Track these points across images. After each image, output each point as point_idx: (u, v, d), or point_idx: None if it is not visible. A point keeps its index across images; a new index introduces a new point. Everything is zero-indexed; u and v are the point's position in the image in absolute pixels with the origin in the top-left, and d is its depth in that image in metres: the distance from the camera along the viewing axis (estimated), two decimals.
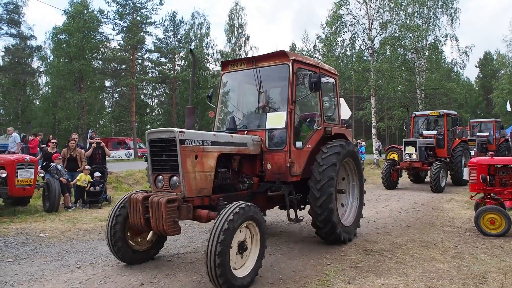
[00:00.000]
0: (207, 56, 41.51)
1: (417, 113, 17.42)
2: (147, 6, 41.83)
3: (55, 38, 35.37)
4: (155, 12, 45.80)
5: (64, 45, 34.73)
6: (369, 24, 26.81)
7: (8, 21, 37.28)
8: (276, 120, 6.01)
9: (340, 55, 28.25)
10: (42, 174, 10.94)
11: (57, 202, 9.89)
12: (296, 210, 6.36)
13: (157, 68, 48.90)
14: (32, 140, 15.89)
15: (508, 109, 29.11)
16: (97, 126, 45.25)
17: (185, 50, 44.34)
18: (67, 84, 35.21)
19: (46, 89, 43.01)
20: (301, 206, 6.84)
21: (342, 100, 7.70)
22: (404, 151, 14.74)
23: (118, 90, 49.34)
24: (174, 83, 47.08)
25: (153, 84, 49.36)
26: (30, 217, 9.27)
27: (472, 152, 16.93)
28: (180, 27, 47.30)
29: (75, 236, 7.43)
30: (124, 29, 40.91)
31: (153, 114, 56.09)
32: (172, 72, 47.92)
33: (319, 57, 37.59)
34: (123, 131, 47.54)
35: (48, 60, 38.62)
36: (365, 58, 28.01)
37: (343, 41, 28.22)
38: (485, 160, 7.89)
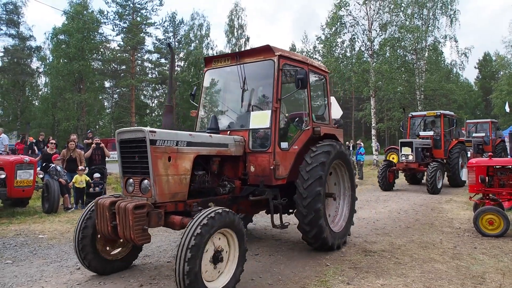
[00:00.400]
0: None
1: (413, 113, 17.25)
2: (147, 7, 42.05)
3: (55, 39, 35.44)
4: (155, 13, 46.01)
5: (63, 45, 34.82)
6: (368, 25, 26.86)
7: (7, 21, 37.34)
8: (260, 119, 5.65)
9: (340, 56, 28.29)
10: (42, 175, 10.94)
11: (56, 203, 9.88)
12: (281, 215, 5.97)
13: (157, 69, 48.96)
14: (19, 142, 15.84)
15: (507, 110, 29.13)
16: (96, 127, 45.29)
17: (185, 51, 44.39)
18: (67, 85, 35.27)
19: (46, 89, 43.06)
20: (289, 211, 6.38)
21: (333, 99, 7.46)
22: (400, 152, 14.55)
23: (117, 90, 49.40)
24: (174, 84, 47.12)
25: (152, 85, 49.41)
26: (29, 218, 9.26)
27: (468, 153, 16.85)
28: (180, 28, 47.41)
29: None
30: (124, 29, 41.01)
31: (152, 115, 56.09)
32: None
33: (319, 58, 37.64)
34: None
35: (48, 61, 38.66)
36: (364, 59, 28.06)
37: (343, 42, 28.27)
38: (483, 161, 7.90)
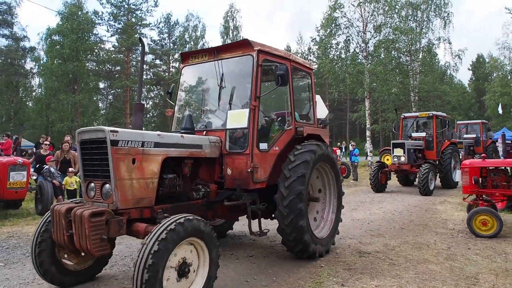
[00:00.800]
0: None
1: (406, 114, 17.19)
2: (142, 8, 41.90)
3: (49, 40, 35.26)
4: (149, 14, 45.88)
5: (58, 46, 34.63)
6: (363, 27, 26.97)
7: (1, 22, 37.04)
8: (238, 118, 5.31)
9: (335, 57, 28.39)
10: (35, 177, 10.86)
11: (49, 205, 9.77)
12: (260, 221, 5.58)
13: (151, 70, 48.82)
14: (5, 142, 15.71)
15: (500, 111, 29.40)
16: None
17: (179, 52, 44.34)
18: (61, 86, 35.07)
19: (40, 90, 42.83)
20: (272, 216, 5.96)
21: (319, 98, 7.19)
22: (393, 153, 14.47)
23: (112, 91, 49.19)
24: (168, 85, 47.02)
25: (147, 86, 49.25)
26: (22, 220, 9.19)
27: (460, 155, 16.84)
28: (175, 29, 47.34)
29: None
30: (119, 30, 40.84)
31: (147, 116, 55.94)
32: (167, 74, 47.87)
33: (314, 59, 37.72)
34: None
35: (42, 62, 38.46)
36: (359, 60, 28.17)
37: (337, 43, 28.36)
38: (477, 162, 7.96)
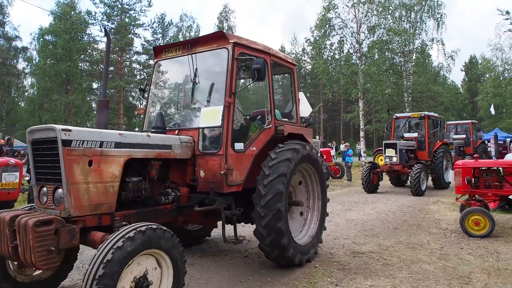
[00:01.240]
0: None
1: (398, 115, 17.16)
2: (136, 8, 41.79)
3: (41, 39, 34.99)
4: (143, 14, 45.71)
5: (50, 46, 34.39)
6: (357, 27, 27.09)
7: None
8: (211, 116, 4.97)
9: (329, 58, 28.47)
10: (28, 178, 10.76)
11: None
12: (236, 228, 5.19)
13: (145, 70, 48.64)
14: None
15: (492, 112, 29.68)
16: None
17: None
18: (54, 86, 34.84)
19: (32, 91, 42.42)
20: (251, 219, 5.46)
21: (302, 95, 6.93)
22: (384, 153, 14.44)
23: None
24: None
25: (140, 87, 49.08)
26: None
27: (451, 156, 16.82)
28: (169, 29, 47.23)
29: None
30: (112, 30, 40.64)
31: (141, 116, 55.66)
32: None
33: (308, 60, 37.81)
34: None
35: (34, 62, 38.15)
36: (353, 61, 28.29)
37: (331, 44, 28.45)
38: (470, 163, 8.03)
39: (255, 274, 5.15)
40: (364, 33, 27.06)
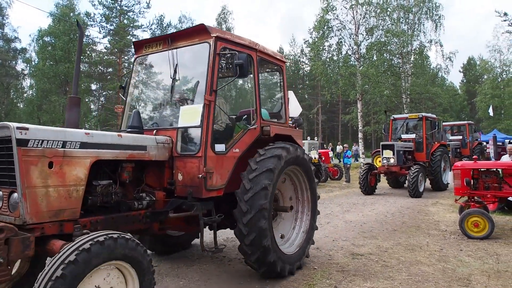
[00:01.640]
0: None
1: (395, 116, 17.09)
2: (134, 10, 41.71)
3: (40, 41, 35.04)
4: (142, 15, 45.67)
5: (49, 47, 34.42)
6: (355, 29, 27.17)
7: None
8: (190, 115, 4.65)
9: (327, 59, 28.52)
10: None
11: None
12: (216, 236, 4.82)
13: None
14: None
15: (491, 113, 29.74)
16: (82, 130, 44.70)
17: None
18: (52, 87, 34.86)
19: (31, 92, 42.42)
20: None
21: (291, 94, 6.51)
22: (382, 155, 14.35)
23: (104, 93, 48.85)
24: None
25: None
26: None
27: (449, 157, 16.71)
28: (168, 30, 47.14)
29: None
30: (111, 32, 40.62)
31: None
32: None
33: (306, 61, 37.86)
34: None
35: (33, 63, 38.17)
36: (351, 62, 28.35)
37: (330, 46, 28.51)
38: (469, 164, 8.03)
39: (254, 276, 5.12)
40: (362, 34, 27.18)
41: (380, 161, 17.66)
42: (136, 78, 5.71)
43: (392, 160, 14.05)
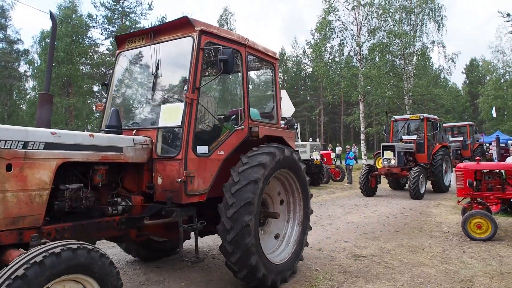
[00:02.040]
0: None
1: (396, 117, 16.93)
2: (136, 11, 41.89)
3: (43, 43, 35.23)
4: (144, 17, 45.68)
5: None
6: (357, 30, 27.18)
7: None
8: (171, 114, 4.34)
9: (329, 61, 28.53)
10: None
11: None
12: (197, 244, 4.49)
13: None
14: None
15: (494, 114, 29.65)
16: (85, 131, 44.89)
17: None
18: (55, 89, 34.98)
19: (33, 93, 42.61)
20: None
21: (284, 93, 6.29)
22: (382, 156, 14.16)
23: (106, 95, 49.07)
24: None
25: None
26: None
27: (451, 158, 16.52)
28: None
29: None
30: (113, 33, 40.75)
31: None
32: None
33: (308, 62, 37.88)
34: None
35: (36, 65, 38.33)
36: (353, 64, 28.37)
37: (332, 47, 28.53)
38: (472, 166, 8.00)
39: None
40: (365, 35, 27.21)
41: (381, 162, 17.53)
42: (118, 75, 5.36)
43: (392, 161, 13.89)
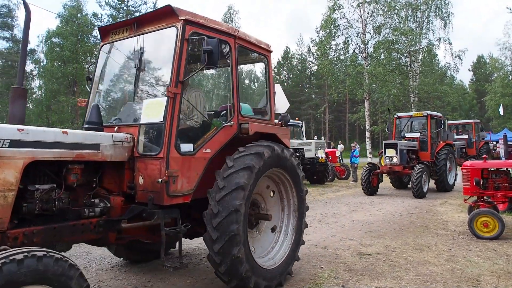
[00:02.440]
0: None
1: (399, 114, 16.65)
2: (141, 10, 41.96)
3: (49, 42, 35.47)
4: None
5: (57, 48, 34.84)
6: (362, 28, 27.05)
7: (1, 24, 37.17)
8: (153, 110, 4.09)
9: (334, 58, 28.44)
10: None
11: None
12: (181, 248, 4.26)
13: None
14: None
15: (501, 112, 29.40)
16: None
17: None
18: (61, 88, 35.27)
19: (40, 92, 42.96)
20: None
21: (278, 87, 5.94)
22: (385, 154, 13.82)
23: None
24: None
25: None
26: None
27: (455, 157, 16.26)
28: None
29: None
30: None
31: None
32: None
33: (313, 60, 37.81)
34: None
35: (42, 64, 38.61)
36: (359, 61, 28.25)
37: (337, 44, 28.43)
38: (478, 164, 7.93)
39: None
40: (370, 33, 27.09)
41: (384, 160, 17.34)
42: (101, 69, 5.11)
43: (395, 159, 13.58)
